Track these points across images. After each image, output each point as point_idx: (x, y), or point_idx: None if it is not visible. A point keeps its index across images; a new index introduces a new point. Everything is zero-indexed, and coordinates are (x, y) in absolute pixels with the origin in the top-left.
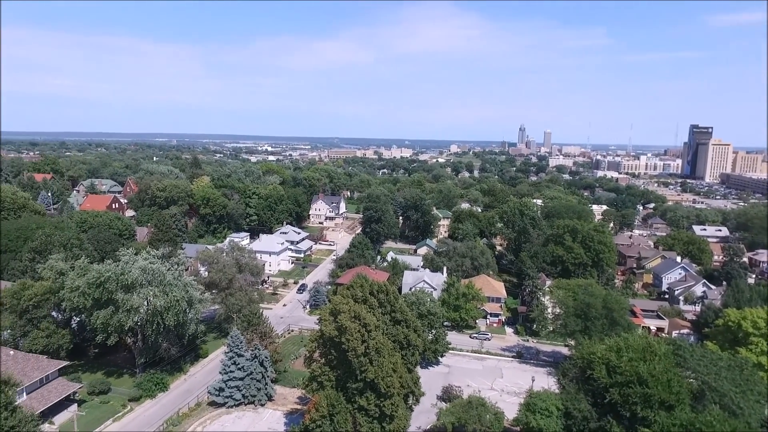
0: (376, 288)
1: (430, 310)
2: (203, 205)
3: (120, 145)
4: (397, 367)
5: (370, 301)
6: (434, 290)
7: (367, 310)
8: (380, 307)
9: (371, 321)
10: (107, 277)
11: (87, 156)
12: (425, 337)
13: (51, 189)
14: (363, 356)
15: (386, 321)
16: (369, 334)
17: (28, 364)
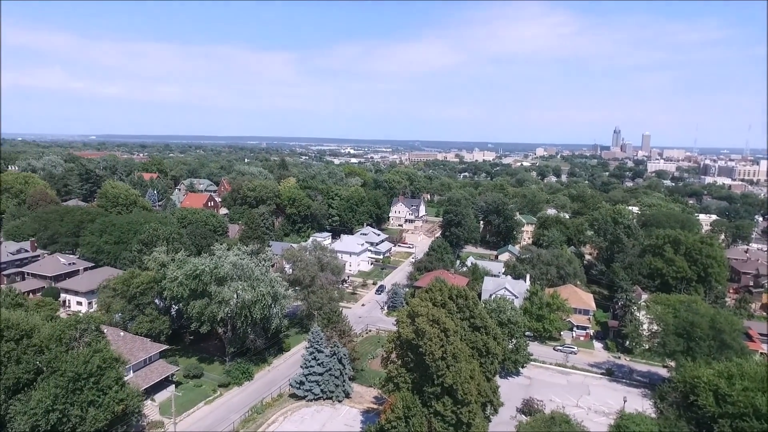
0: (455, 292)
1: (510, 319)
2: (289, 205)
3: (216, 148)
4: (475, 374)
5: (448, 305)
6: (516, 298)
7: (446, 315)
8: (459, 312)
9: (450, 326)
10: (202, 270)
11: (187, 157)
12: (505, 345)
13: (157, 187)
14: (440, 361)
15: (465, 327)
16: (447, 338)
17: (135, 345)
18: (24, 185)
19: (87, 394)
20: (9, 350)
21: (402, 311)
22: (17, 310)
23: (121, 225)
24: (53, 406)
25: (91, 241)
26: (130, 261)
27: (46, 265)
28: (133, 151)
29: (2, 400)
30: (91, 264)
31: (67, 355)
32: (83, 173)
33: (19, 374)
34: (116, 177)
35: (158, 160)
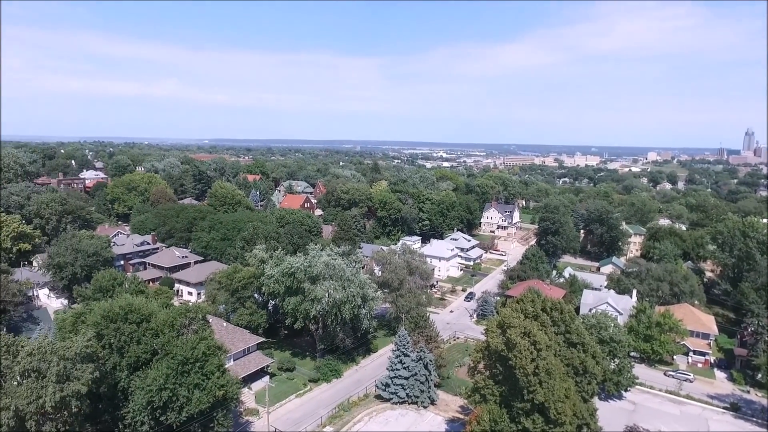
0: (550, 305)
1: (612, 337)
2: (380, 208)
3: (313, 151)
4: (570, 393)
5: (542, 318)
6: (619, 315)
7: (539, 328)
8: (553, 326)
9: (542, 339)
10: (297, 268)
11: (287, 160)
12: (606, 365)
13: (259, 188)
14: (532, 376)
15: (559, 342)
16: (539, 353)
17: (236, 335)
18: (148, 184)
19: (193, 378)
20: (131, 332)
21: (491, 321)
22: (139, 296)
23: (227, 223)
24: (165, 385)
25: (201, 237)
26: (234, 257)
27: (164, 256)
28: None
29: (125, 375)
30: (200, 258)
31: (177, 340)
32: (196, 174)
33: (139, 353)
34: (224, 178)
35: (261, 163)
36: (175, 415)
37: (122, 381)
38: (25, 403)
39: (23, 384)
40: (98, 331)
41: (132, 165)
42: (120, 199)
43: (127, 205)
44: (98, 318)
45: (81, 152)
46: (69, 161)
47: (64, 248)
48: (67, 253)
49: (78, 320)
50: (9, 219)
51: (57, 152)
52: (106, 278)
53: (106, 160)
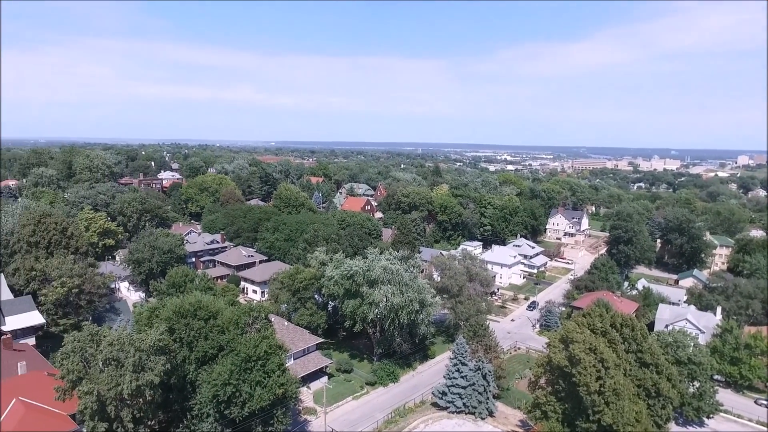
0: (620, 320)
1: (692, 358)
2: (441, 212)
3: (375, 153)
4: (641, 417)
5: (610, 334)
6: (701, 333)
7: (606, 345)
8: (623, 342)
9: (610, 357)
10: (356, 271)
11: (349, 162)
12: (683, 388)
13: (322, 190)
14: (597, 395)
15: (630, 361)
16: (606, 371)
17: (296, 335)
18: (218, 185)
19: (255, 375)
20: (200, 327)
21: (554, 335)
22: (208, 293)
23: (291, 224)
24: (229, 380)
25: (266, 237)
26: (297, 257)
27: (231, 255)
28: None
29: (194, 368)
30: (265, 257)
31: (241, 338)
32: (263, 176)
33: (206, 348)
34: (289, 180)
35: (324, 165)
36: (237, 409)
37: (191, 374)
38: (106, 389)
39: (105, 371)
40: (170, 325)
41: (204, 166)
42: (193, 199)
43: (200, 204)
44: (170, 313)
45: (160, 154)
46: (149, 162)
47: (143, 245)
48: (145, 250)
49: (153, 314)
50: (96, 216)
51: (139, 154)
52: (179, 275)
53: (181, 161)
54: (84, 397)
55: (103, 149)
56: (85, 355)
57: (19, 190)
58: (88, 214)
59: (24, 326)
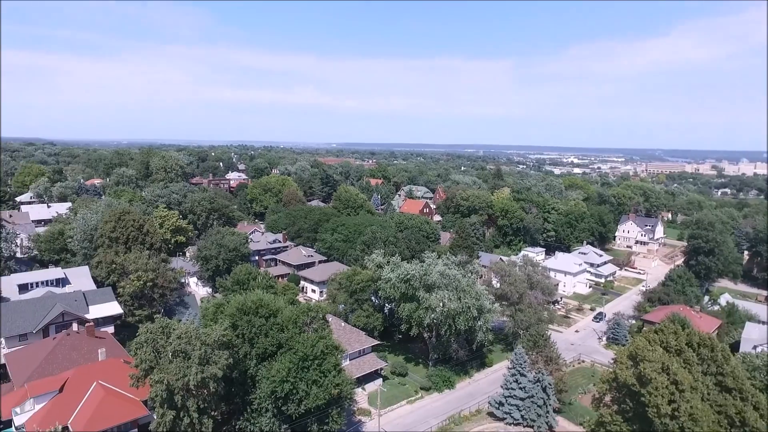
0: (698, 338)
1: None
2: (501, 216)
3: (434, 155)
4: None
5: (686, 354)
6: None
7: (681, 365)
8: (701, 364)
9: (686, 379)
10: (412, 275)
11: (409, 164)
12: None
13: (381, 192)
14: (669, 419)
15: (708, 384)
16: (681, 394)
17: (352, 336)
18: (281, 186)
19: (312, 374)
20: (261, 325)
21: (623, 350)
22: (269, 291)
23: (350, 225)
24: (287, 377)
25: (325, 238)
26: (354, 259)
27: (292, 255)
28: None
29: (254, 364)
30: (324, 258)
31: (299, 337)
32: (324, 177)
33: (266, 345)
34: (349, 182)
35: (383, 167)
36: (294, 406)
37: (251, 369)
38: (174, 379)
39: (173, 362)
40: (233, 321)
41: (269, 168)
42: (257, 199)
43: (263, 204)
44: (234, 310)
45: (228, 155)
46: (218, 163)
47: (210, 242)
48: (212, 247)
49: (218, 310)
50: (170, 214)
51: (209, 155)
52: (243, 272)
53: (247, 162)
54: (155, 386)
55: (177, 150)
56: (157, 346)
57: (103, 189)
58: (162, 212)
59: (104, 315)
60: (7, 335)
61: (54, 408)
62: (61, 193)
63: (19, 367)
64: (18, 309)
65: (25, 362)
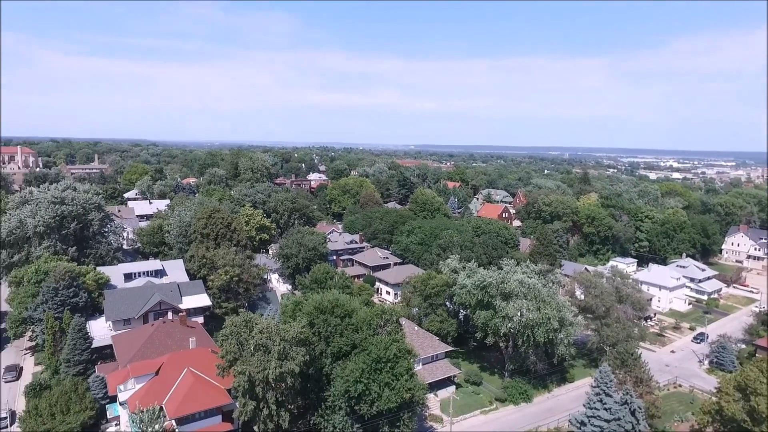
0: None
1: None
2: (587, 224)
3: (516, 158)
4: None
5: None
6: None
7: None
8: None
9: None
10: (489, 282)
11: (488, 167)
12: None
13: (458, 195)
14: None
15: None
16: None
17: (425, 341)
18: (359, 188)
19: (384, 376)
20: (336, 324)
21: (729, 378)
22: (345, 291)
23: (426, 228)
24: (360, 378)
25: (401, 240)
26: (430, 262)
27: (368, 256)
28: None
29: (329, 362)
30: (399, 260)
31: (373, 338)
32: (401, 180)
33: (341, 345)
34: (425, 184)
35: (461, 170)
36: (366, 407)
37: (326, 367)
38: (255, 372)
39: (255, 356)
40: (311, 319)
41: (348, 169)
42: (336, 200)
43: (342, 205)
44: (311, 308)
45: (310, 156)
46: (300, 164)
47: (291, 241)
48: (293, 246)
49: (296, 308)
50: (255, 213)
51: (292, 156)
52: (321, 271)
53: (328, 164)
54: (238, 377)
55: (263, 151)
56: (240, 339)
57: (197, 187)
58: (248, 210)
59: (195, 306)
60: (114, 319)
61: (151, 389)
62: (161, 190)
63: (123, 348)
64: (123, 296)
65: (128, 345)
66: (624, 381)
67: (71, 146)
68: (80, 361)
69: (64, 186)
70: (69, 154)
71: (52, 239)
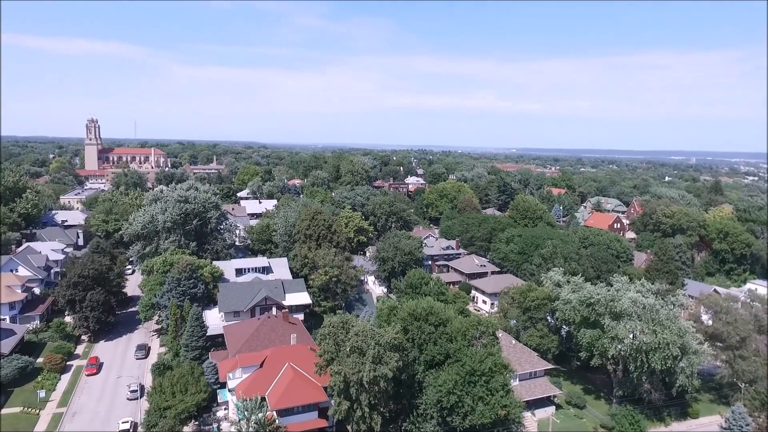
0: None
1: None
2: (718, 239)
3: (631, 163)
4: None
5: None
6: None
7: None
8: None
9: None
10: (597, 299)
11: (598, 173)
12: None
13: (563, 203)
14: None
15: None
16: None
17: (523, 356)
18: (457, 192)
19: (479, 390)
20: (430, 332)
21: None
22: (440, 297)
23: (526, 237)
24: (453, 389)
25: (499, 248)
26: (530, 273)
27: (464, 262)
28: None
29: (422, 370)
30: (497, 269)
31: (467, 350)
32: (501, 185)
33: (435, 353)
34: (527, 191)
35: (568, 176)
36: (459, 420)
37: (419, 374)
38: (350, 373)
39: (350, 357)
40: (405, 325)
41: (446, 173)
42: (433, 204)
43: (438, 210)
44: (406, 314)
45: (408, 160)
46: (398, 168)
47: (388, 245)
48: (389, 249)
49: (391, 313)
50: (354, 215)
51: (390, 159)
52: (416, 276)
53: (426, 167)
54: (334, 376)
55: (363, 154)
56: (337, 340)
57: (301, 188)
58: (348, 212)
59: (297, 304)
60: (225, 311)
61: (256, 380)
62: (270, 191)
63: (233, 339)
64: (234, 289)
65: (237, 336)
66: (764, 428)
67: (194, 148)
68: (197, 347)
69: (188, 186)
70: (192, 155)
71: (177, 234)
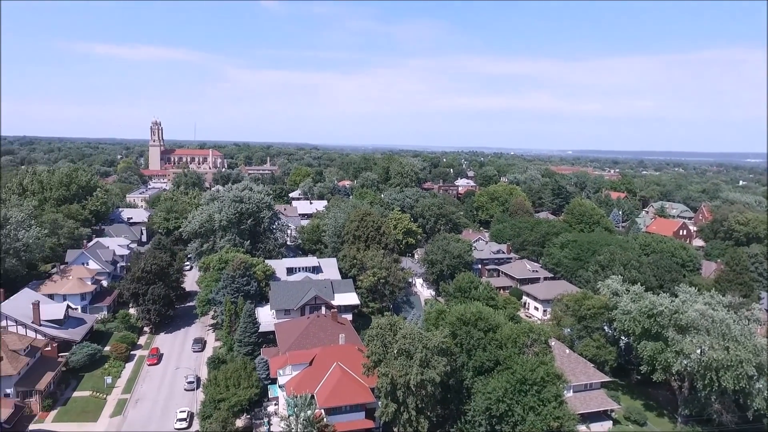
0: None
1: None
2: None
3: (700, 166)
4: None
5: None
6: None
7: None
8: None
9: None
10: (660, 310)
11: (662, 176)
12: None
13: (622, 208)
14: None
15: None
16: None
17: (578, 366)
18: (509, 195)
19: (529, 399)
20: (479, 338)
21: None
22: (490, 302)
23: (582, 243)
24: (503, 397)
25: (552, 253)
26: (585, 280)
27: (516, 267)
28: (605, 167)
29: (471, 376)
30: (550, 275)
31: (518, 358)
32: (555, 188)
33: (483, 360)
34: (584, 194)
35: (628, 179)
36: (508, 429)
37: (467, 380)
38: (398, 376)
39: (398, 360)
40: (453, 330)
41: (497, 175)
42: (483, 207)
43: (489, 213)
44: (454, 319)
45: (458, 161)
46: (448, 170)
47: (437, 247)
48: (438, 252)
49: (440, 317)
50: (403, 217)
51: (440, 161)
52: (465, 280)
53: (476, 169)
54: (381, 378)
55: (413, 156)
56: (385, 342)
57: (351, 190)
58: (397, 214)
59: (346, 304)
60: (277, 308)
61: (305, 377)
62: (320, 192)
63: (283, 336)
64: (285, 288)
65: (287, 333)
66: None
67: (249, 149)
68: (249, 342)
69: (243, 186)
70: (247, 156)
71: (232, 233)
